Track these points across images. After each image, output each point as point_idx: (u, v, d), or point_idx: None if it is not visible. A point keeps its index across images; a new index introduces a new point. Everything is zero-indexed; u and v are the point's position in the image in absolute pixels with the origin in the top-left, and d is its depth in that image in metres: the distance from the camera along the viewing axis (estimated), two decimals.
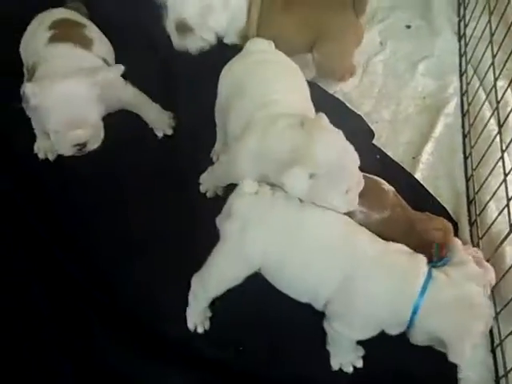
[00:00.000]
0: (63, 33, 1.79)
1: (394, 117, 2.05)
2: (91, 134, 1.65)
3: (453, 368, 1.54)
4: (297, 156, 1.37)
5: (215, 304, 1.57)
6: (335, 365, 1.55)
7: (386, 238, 1.47)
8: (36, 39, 1.80)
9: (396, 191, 1.62)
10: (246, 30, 1.97)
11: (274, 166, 1.42)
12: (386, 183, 1.62)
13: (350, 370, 1.54)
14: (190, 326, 1.58)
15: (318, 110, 1.93)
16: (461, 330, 1.32)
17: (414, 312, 1.35)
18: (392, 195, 1.60)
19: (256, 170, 1.47)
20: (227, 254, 1.47)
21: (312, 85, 2.02)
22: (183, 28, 1.90)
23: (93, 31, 1.90)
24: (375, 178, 1.62)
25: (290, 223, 1.43)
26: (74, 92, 1.60)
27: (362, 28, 1.99)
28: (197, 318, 1.58)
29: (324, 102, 1.99)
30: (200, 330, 1.58)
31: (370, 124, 1.99)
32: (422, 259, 1.41)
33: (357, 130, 1.95)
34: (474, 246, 1.67)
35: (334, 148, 1.39)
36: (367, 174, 1.61)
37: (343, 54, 2.02)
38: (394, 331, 1.43)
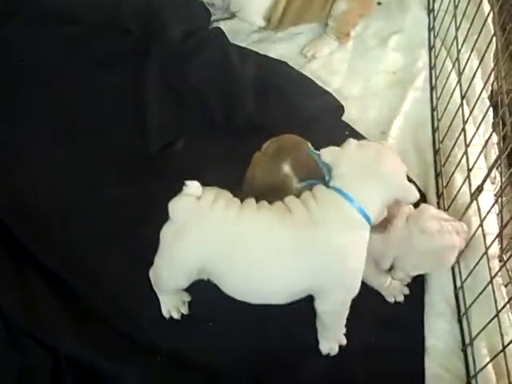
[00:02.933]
0: None
1: (364, 92, 2.05)
2: None
3: (420, 338, 1.56)
4: None
5: None
6: (325, 349, 1.50)
7: None
8: None
9: None
10: (271, 11, 2.08)
11: None
12: None
13: (336, 350, 1.49)
14: (164, 312, 1.53)
15: (286, 87, 1.96)
16: None
17: (363, 213, 1.33)
18: None
19: None
20: (163, 256, 1.41)
21: (280, 62, 2.05)
22: None
23: None
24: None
25: (227, 233, 1.34)
26: None
27: None
28: (168, 303, 1.53)
29: (292, 79, 2.02)
30: (176, 316, 1.53)
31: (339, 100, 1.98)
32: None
33: (326, 107, 1.97)
34: None
35: None
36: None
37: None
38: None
